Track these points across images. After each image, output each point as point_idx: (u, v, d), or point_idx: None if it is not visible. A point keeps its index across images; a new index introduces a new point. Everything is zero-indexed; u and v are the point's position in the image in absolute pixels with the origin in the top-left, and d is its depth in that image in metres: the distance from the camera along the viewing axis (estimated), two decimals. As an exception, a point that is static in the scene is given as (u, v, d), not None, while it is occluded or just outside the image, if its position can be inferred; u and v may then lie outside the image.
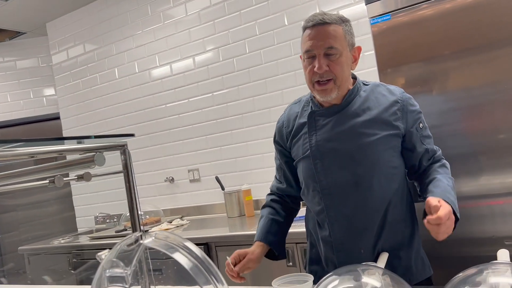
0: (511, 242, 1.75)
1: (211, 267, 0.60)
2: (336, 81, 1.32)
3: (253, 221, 2.80)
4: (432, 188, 1.30)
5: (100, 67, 3.83)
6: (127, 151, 1.07)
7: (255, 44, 3.08)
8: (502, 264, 0.95)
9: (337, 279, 1.06)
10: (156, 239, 0.63)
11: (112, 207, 3.78)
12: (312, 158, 1.38)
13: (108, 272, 0.60)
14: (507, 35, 1.72)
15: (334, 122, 1.37)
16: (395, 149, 1.38)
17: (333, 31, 1.31)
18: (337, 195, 1.36)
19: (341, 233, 1.38)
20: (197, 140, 3.38)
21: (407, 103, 1.39)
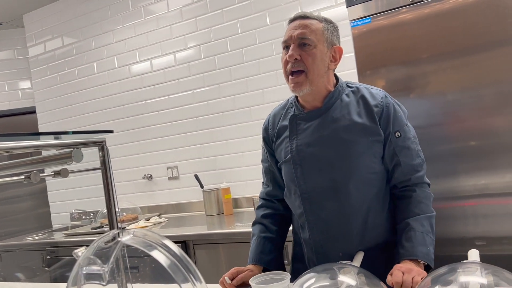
0: (482, 243, 1.81)
1: (190, 265, 0.61)
2: (308, 74, 1.31)
3: (231, 219, 2.81)
4: (404, 242, 1.28)
5: (78, 61, 3.76)
6: (105, 148, 1.06)
7: (237, 43, 3.08)
8: (472, 264, 0.98)
9: (314, 277, 1.08)
10: (134, 236, 0.63)
11: (88, 203, 3.72)
12: (293, 162, 1.39)
13: (85, 269, 0.60)
14: (481, 42, 1.77)
15: (314, 127, 1.37)
16: (376, 155, 1.36)
17: (310, 24, 1.33)
18: (316, 200, 1.38)
19: (320, 237, 1.40)
20: (176, 137, 3.36)
21: (388, 108, 1.35)
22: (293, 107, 1.45)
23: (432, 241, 1.29)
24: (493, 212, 1.82)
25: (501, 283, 0.88)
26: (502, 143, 1.77)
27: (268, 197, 1.58)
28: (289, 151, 1.40)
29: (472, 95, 1.81)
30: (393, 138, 1.35)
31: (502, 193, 1.80)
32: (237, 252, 2.41)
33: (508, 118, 1.76)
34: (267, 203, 1.57)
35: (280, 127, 1.46)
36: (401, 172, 1.36)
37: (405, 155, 1.36)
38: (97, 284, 0.59)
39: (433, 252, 1.28)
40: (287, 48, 1.34)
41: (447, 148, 1.87)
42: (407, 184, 1.37)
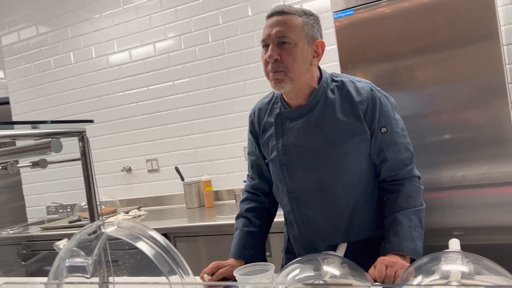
0: (459, 233, 1.85)
1: (176, 256, 0.59)
2: (288, 73, 1.26)
3: (213, 212, 2.80)
4: (391, 237, 1.27)
5: (54, 50, 3.65)
6: (85, 138, 1.03)
7: (218, 34, 3.05)
8: (453, 253, 1.00)
9: (298, 268, 1.08)
10: (118, 228, 0.61)
11: (65, 197, 3.64)
12: (279, 162, 1.37)
13: (68, 261, 0.58)
14: (461, 36, 1.79)
15: (300, 126, 1.34)
16: (363, 153, 1.34)
17: (288, 21, 1.26)
18: (303, 199, 1.37)
19: (308, 234, 1.41)
20: (156, 129, 3.31)
21: (374, 103, 1.31)
22: (279, 103, 1.41)
23: (420, 235, 1.28)
24: (469, 203, 1.87)
25: (482, 271, 0.90)
26: (478, 136, 1.81)
27: (253, 191, 1.55)
28: (275, 151, 1.38)
29: (451, 89, 1.84)
30: (379, 134, 1.31)
31: (478, 185, 1.85)
32: (218, 245, 2.40)
33: (485, 112, 1.79)
34: (252, 197, 1.55)
35: (266, 122, 1.43)
36: (389, 167, 1.34)
37: (392, 151, 1.33)
38: (80, 277, 0.57)
39: (421, 246, 1.27)
40: (267, 47, 1.28)
41: (425, 140, 1.90)
42: (395, 178, 1.36)
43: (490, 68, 1.75)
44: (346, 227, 1.37)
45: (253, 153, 1.52)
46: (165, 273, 0.58)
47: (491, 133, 1.79)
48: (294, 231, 1.45)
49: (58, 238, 2.70)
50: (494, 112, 1.77)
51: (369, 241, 1.39)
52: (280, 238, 2.18)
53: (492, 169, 1.81)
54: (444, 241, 1.56)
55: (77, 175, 3.68)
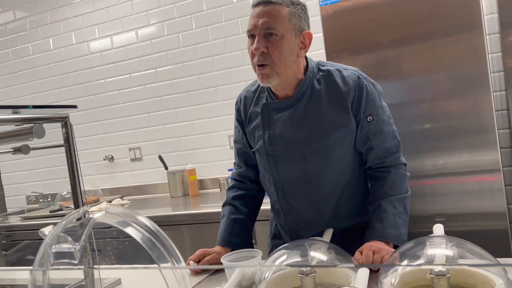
0: (441, 219, 1.88)
1: (166, 242, 0.59)
2: (274, 67, 1.23)
3: (197, 200, 2.79)
4: (375, 223, 1.28)
5: (32, 36, 3.55)
6: (69, 124, 1.01)
7: (202, 20, 3.01)
8: (438, 237, 1.02)
9: (285, 254, 1.08)
10: (106, 213, 0.60)
11: (46, 186, 3.58)
12: (265, 153, 1.37)
13: (55, 247, 0.56)
14: (445, 25, 1.81)
15: (286, 118, 1.32)
16: (349, 144, 1.34)
17: (275, 11, 1.22)
18: (289, 189, 1.38)
19: (294, 223, 1.42)
20: (139, 117, 3.27)
21: (360, 91, 1.30)
22: (265, 92, 1.39)
23: (404, 222, 1.28)
24: (451, 190, 1.90)
25: (466, 254, 0.92)
26: (460, 124, 1.84)
27: (240, 178, 1.54)
28: (262, 142, 1.37)
29: (435, 78, 1.86)
30: (365, 123, 1.31)
31: (459, 172, 1.88)
32: (202, 233, 2.40)
33: (467, 101, 1.82)
34: (239, 184, 1.54)
35: (252, 112, 1.42)
36: (375, 155, 1.34)
37: (379, 139, 1.32)
38: (68, 263, 0.56)
39: (406, 233, 1.28)
40: (253, 37, 1.25)
41: (409, 129, 1.92)
42: (381, 165, 1.35)
43: (473, 58, 1.78)
44: (331, 216, 1.38)
45: (240, 141, 1.51)
46: (154, 258, 0.57)
47: (473, 122, 1.82)
48: (280, 219, 1.46)
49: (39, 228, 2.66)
50: (477, 101, 1.80)
51: (354, 228, 1.40)
52: (265, 226, 2.19)
53: (473, 157, 1.84)
54: (426, 228, 1.59)
55: (58, 164, 3.63)
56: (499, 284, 0.84)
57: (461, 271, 0.93)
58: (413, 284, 0.93)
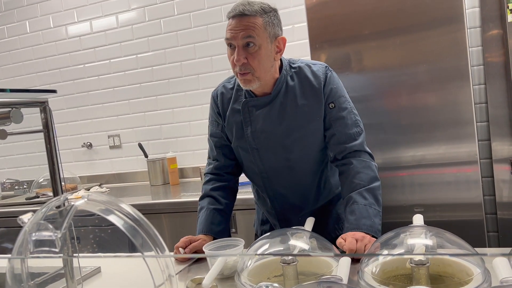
0: (420, 209, 1.92)
1: (150, 230, 0.58)
2: (254, 73, 1.33)
3: (177, 189, 2.77)
4: (348, 216, 1.31)
5: (7, 18, 3.44)
6: (47, 109, 0.98)
7: (184, 7, 2.96)
8: (417, 227, 1.03)
9: (267, 243, 1.09)
10: (88, 200, 0.58)
11: (21, 173, 3.50)
12: (250, 148, 1.46)
13: (35, 235, 0.55)
14: (428, 18, 1.82)
15: (265, 113, 1.41)
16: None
17: (252, 24, 1.30)
18: (274, 177, 1.49)
19: (280, 207, 1.54)
20: (118, 104, 3.21)
21: (327, 82, 1.40)
22: (243, 90, 1.45)
23: (377, 212, 1.31)
24: (429, 181, 1.94)
25: (445, 244, 0.94)
26: (440, 116, 1.87)
27: (216, 171, 1.57)
28: (245, 137, 1.45)
29: (415, 70, 1.88)
30: (327, 109, 1.40)
31: (438, 164, 1.91)
32: (182, 222, 2.39)
33: (447, 94, 1.85)
34: (216, 177, 1.57)
35: (231, 109, 1.47)
36: (337, 141, 1.40)
37: (340, 124, 1.40)
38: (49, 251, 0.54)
39: (379, 223, 1.31)
40: (231, 46, 1.34)
41: (388, 120, 1.95)
42: (344, 153, 1.40)
43: (454, 51, 1.80)
44: (314, 198, 1.52)
45: (218, 134, 1.54)
46: (138, 246, 0.56)
47: (453, 115, 1.85)
48: (267, 205, 1.57)
49: (14, 215, 2.60)
50: (457, 94, 1.82)
51: (336, 214, 1.53)
52: (245, 215, 2.20)
53: (451, 149, 1.88)
54: (405, 218, 1.62)
55: (34, 151, 3.54)
56: (476, 273, 0.86)
57: (440, 260, 0.95)
58: (394, 273, 0.95)
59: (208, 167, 1.60)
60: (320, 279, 0.80)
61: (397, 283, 0.87)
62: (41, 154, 3.44)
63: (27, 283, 0.64)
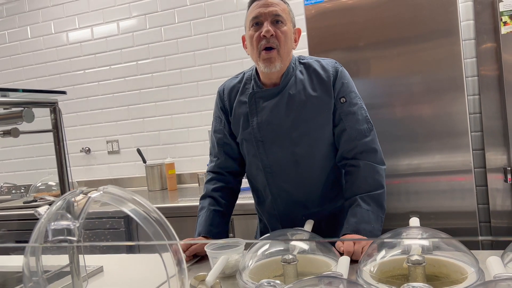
0: (415, 216, 1.95)
1: (163, 222, 0.61)
2: (280, 50, 1.34)
3: (175, 194, 2.79)
4: (349, 217, 1.32)
5: (9, 24, 3.47)
6: (57, 109, 1.01)
7: (185, 15, 3.01)
8: (414, 229, 1.07)
9: (267, 243, 1.11)
10: (104, 193, 0.61)
11: (18, 177, 3.51)
12: (254, 140, 1.42)
13: (53, 224, 0.58)
14: (424, 30, 1.87)
15: (273, 105, 1.39)
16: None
17: (279, 3, 1.36)
18: (279, 173, 1.43)
19: (283, 206, 1.47)
20: (117, 110, 3.24)
21: (337, 74, 1.40)
22: (251, 82, 1.45)
23: (379, 219, 1.32)
24: (424, 189, 1.97)
25: (441, 245, 0.97)
26: (435, 126, 1.91)
27: (218, 170, 1.56)
28: (250, 129, 1.42)
29: (412, 81, 1.92)
30: (338, 104, 1.38)
31: (433, 172, 1.95)
32: (180, 227, 2.39)
33: (443, 104, 1.89)
34: (217, 176, 1.55)
35: (238, 102, 1.47)
36: (348, 137, 1.38)
37: (351, 120, 1.38)
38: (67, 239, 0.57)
39: (380, 229, 1.32)
40: (257, 25, 1.35)
41: (386, 129, 1.98)
42: (354, 151, 1.38)
43: (449, 62, 1.85)
44: (320, 196, 1.45)
45: (221, 131, 1.53)
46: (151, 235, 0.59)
47: (448, 124, 1.89)
48: (269, 205, 1.50)
49: (12, 219, 2.61)
50: (452, 104, 1.87)
51: (341, 214, 1.44)
52: (241, 221, 2.22)
53: (446, 158, 1.91)
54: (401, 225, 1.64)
55: (32, 155, 3.53)
56: (470, 272, 0.89)
57: (435, 260, 0.98)
58: (391, 273, 0.98)
59: (209, 164, 1.59)
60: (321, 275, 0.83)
61: (394, 281, 0.90)
62: (39, 158, 3.46)
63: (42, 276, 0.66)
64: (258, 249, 1.10)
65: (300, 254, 1.05)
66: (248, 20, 1.38)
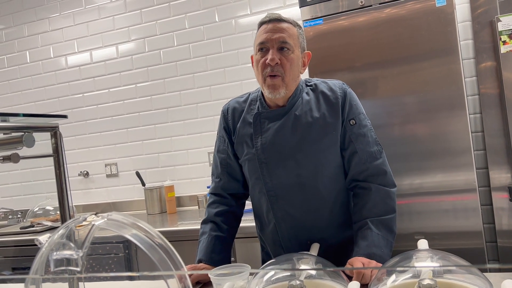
0: (420, 237, 1.92)
1: (169, 249, 0.58)
2: (285, 78, 1.32)
3: (174, 218, 2.75)
4: (360, 241, 1.29)
5: (8, 48, 3.48)
6: (58, 133, 0.99)
7: (183, 38, 3.03)
8: (423, 251, 1.04)
9: (273, 268, 1.08)
10: (108, 220, 0.59)
11: (15, 202, 3.46)
12: (258, 161, 1.39)
13: (56, 254, 0.55)
14: (423, 50, 1.88)
15: (278, 126, 1.37)
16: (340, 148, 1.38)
17: (287, 28, 1.33)
18: (283, 196, 1.39)
19: (288, 231, 1.41)
20: (116, 133, 3.22)
21: (345, 96, 1.38)
22: (256, 103, 1.44)
23: (388, 243, 1.29)
24: (428, 209, 1.95)
25: (452, 268, 0.94)
26: (437, 146, 1.90)
27: (220, 192, 1.53)
28: (254, 150, 1.39)
29: (412, 100, 1.92)
30: (348, 126, 1.36)
31: (436, 192, 1.93)
32: (180, 251, 2.34)
33: (445, 123, 1.88)
34: (219, 199, 1.52)
35: (242, 122, 1.44)
36: (359, 159, 1.35)
37: (361, 142, 1.36)
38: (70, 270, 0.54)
39: (389, 254, 1.29)
40: (263, 51, 1.34)
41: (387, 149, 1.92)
42: (365, 173, 1.36)
43: (450, 81, 1.85)
44: (328, 221, 1.40)
45: (224, 151, 1.51)
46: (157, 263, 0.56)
47: (449, 143, 1.88)
48: (273, 231, 1.45)
49: (8, 245, 2.55)
50: (454, 123, 1.86)
51: (348, 240, 1.41)
52: (243, 244, 2.18)
53: (450, 177, 1.89)
54: (405, 246, 1.61)
55: (29, 179, 3.49)
56: (485, 296, 0.86)
57: (447, 285, 0.95)
58: (402, 298, 0.95)
59: (212, 185, 1.56)
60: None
61: (407, 307, 0.87)
62: (36, 183, 3.42)
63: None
64: (264, 274, 1.06)
65: (308, 279, 1.02)
66: (255, 43, 1.37)
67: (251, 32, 2.85)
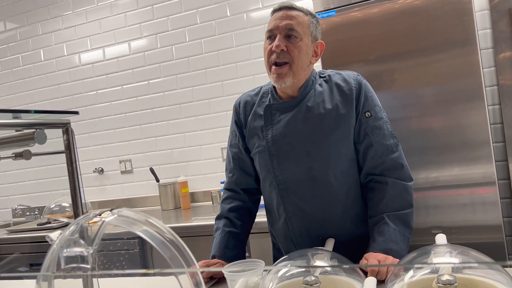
0: (437, 231, 1.88)
1: (181, 246, 0.57)
2: (292, 65, 1.29)
3: (188, 213, 2.75)
4: (376, 236, 1.26)
5: (23, 47, 3.52)
6: (70, 130, 0.99)
7: (195, 33, 3.02)
8: (442, 246, 1.01)
9: (288, 264, 1.07)
10: (119, 216, 0.58)
11: (32, 199, 3.51)
12: (268, 153, 1.36)
13: (66, 251, 0.54)
14: (440, 40, 1.83)
15: (290, 118, 1.34)
16: (353, 141, 1.34)
17: (297, 16, 1.31)
18: (294, 190, 1.35)
19: (299, 226, 1.38)
20: (130, 129, 3.24)
21: (360, 87, 1.34)
22: (268, 96, 1.42)
23: (405, 239, 1.26)
24: (446, 203, 1.91)
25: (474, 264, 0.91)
26: (453, 138, 1.86)
27: (233, 187, 1.52)
28: (265, 142, 1.37)
29: (429, 92, 1.88)
30: (363, 118, 1.32)
31: (452, 185, 1.89)
32: (194, 246, 2.33)
33: (463, 115, 1.84)
34: (233, 195, 1.51)
35: (253, 115, 1.43)
36: (375, 153, 1.31)
37: (377, 135, 1.32)
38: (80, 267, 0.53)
39: (406, 249, 1.25)
40: (271, 38, 1.32)
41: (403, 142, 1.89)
42: (381, 167, 1.32)
43: (468, 72, 1.80)
44: (341, 216, 1.36)
45: (236, 145, 1.50)
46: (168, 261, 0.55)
47: (468, 135, 1.83)
48: (284, 226, 1.42)
49: (26, 241, 2.59)
50: (472, 115, 1.81)
51: (361, 236, 1.37)
52: (254, 239, 2.17)
53: (469, 170, 1.85)
54: (422, 241, 1.58)
55: (45, 176, 3.54)
56: (507, 292, 0.83)
57: (467, 280, 0.92)
58: (420, 294, 0.92)
59: (226, 181, 1.54)
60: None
61: (425, 304, 0.85)
62: (52, 180, 3.46)
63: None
64: (278, 270, 1.05)
65: (323, 275, 1.01)
66: (266, 31, 1.36)
67: (263, 26, 2.82)
